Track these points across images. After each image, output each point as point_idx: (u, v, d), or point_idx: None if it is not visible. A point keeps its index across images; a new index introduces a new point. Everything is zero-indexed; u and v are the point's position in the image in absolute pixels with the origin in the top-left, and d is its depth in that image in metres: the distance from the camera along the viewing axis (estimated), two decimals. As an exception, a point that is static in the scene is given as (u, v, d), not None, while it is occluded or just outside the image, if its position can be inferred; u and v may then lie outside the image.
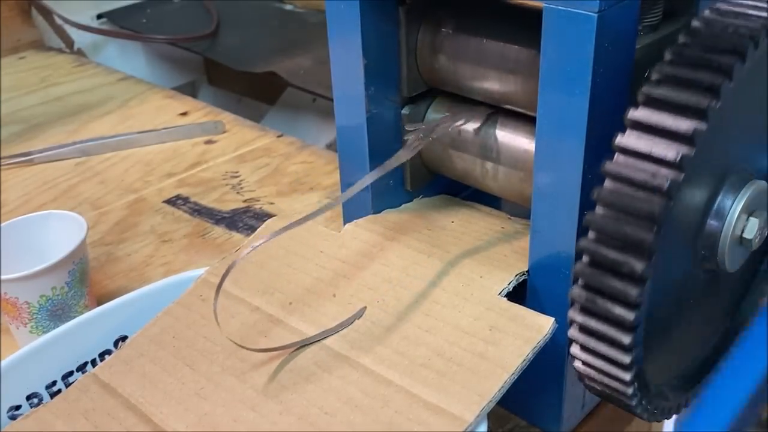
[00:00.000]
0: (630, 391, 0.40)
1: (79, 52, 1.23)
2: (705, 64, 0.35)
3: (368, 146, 0.52)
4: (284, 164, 0.87)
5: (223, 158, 0.89)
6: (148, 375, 0.48)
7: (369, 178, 0.47)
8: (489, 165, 0.52)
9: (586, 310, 0.38)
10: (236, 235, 0.74)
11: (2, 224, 0.61)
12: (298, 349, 0.46)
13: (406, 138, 0.51)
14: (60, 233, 0.61)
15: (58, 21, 1.21)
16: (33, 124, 0.98)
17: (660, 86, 0.36)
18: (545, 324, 0.43)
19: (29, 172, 0.87)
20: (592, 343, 0.39)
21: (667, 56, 0.37)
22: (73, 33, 1.23)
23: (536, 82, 0.42)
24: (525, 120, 0.50)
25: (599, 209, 0.37)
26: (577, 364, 0.41)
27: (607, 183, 0.37)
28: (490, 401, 0.41)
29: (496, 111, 0.52)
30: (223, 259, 0.54)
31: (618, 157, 0.36)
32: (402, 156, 0.48)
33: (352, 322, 0.47)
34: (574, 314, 0.39)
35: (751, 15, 0.37)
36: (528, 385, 0.44)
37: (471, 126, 0.52)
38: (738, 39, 0.36)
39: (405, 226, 0.54)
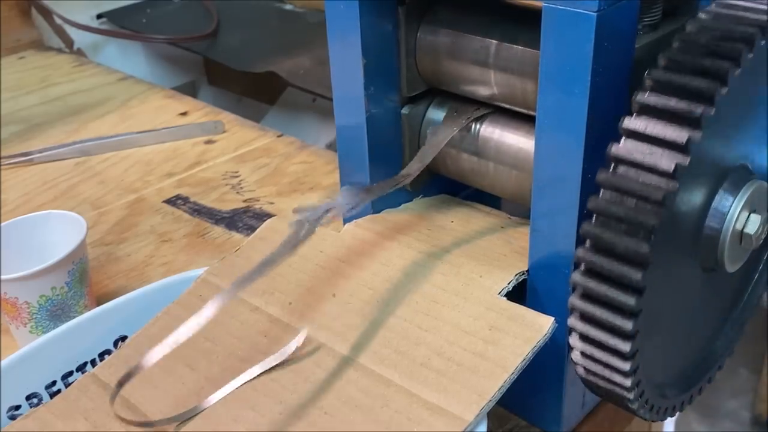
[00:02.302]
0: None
1: (79, 52, 1.23)
2: (699, 69, 0.35)
3: (368, 146, 0.52)
4: (284, 164, 0.87)
5: (223, 158, 0.89)
6: (148, 375, 0.48)
7: (277, 256, 0.42)
8: (489, 165, 0.52)
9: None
10: (236, 235, 0.74)
11: (2, 224, 0.61)
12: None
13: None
14: (60, 233, 0.61)
15: (58, 21, 1.21)
16: (33, 124, 0.98)
17: (654, 94, 0.36)
18: (545, 323, 0.43)
19: (29, 172, 0.87)
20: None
21: (661, 62, 0.36)
22: (73, 33, 1.22)
23: (536, 82, 0.42)
24: (525, 119, 0.50)
25: (596, 219, 0.37)
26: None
27: (603, 193, 0.37)
28: (490, 401, 0.41)
29: (495, 111, 0.52)
30: (223, 259, 0.54)
31: (613, 166, 0.36)
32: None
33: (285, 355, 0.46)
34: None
35: (746, 17, 0.37)
36: (528, 385, 0.44)
37: (471, 126, 0.52)
38: (732, 43, 0.36)
39: (405, 226, 0.54)
